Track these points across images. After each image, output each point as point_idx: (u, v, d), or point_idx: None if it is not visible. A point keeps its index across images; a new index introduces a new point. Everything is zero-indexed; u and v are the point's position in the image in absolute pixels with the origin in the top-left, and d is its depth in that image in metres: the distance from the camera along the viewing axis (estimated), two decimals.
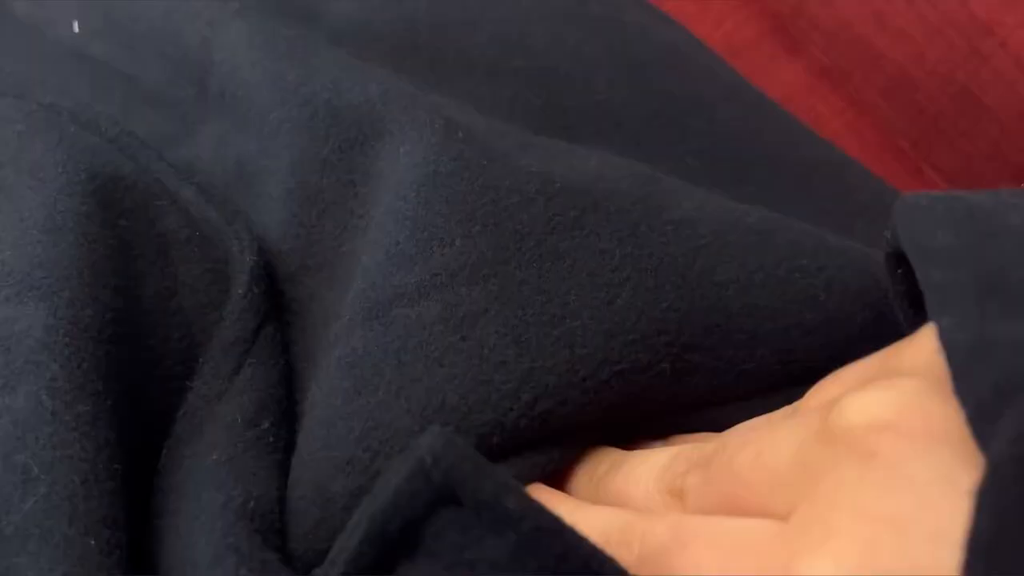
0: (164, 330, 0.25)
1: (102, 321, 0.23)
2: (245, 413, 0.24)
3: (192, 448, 0.24)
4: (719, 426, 0.24)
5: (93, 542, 0.20)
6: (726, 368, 0.25)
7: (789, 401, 0.22)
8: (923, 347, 0.18)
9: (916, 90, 0.44)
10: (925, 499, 0.16)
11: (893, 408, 0.17)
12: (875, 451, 0.17)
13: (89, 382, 0.22)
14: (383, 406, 0.23)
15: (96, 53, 0.34)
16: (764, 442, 0.19)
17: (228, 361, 0.25)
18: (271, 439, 0.24)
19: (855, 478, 0.17)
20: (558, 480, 0.25)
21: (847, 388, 0.19)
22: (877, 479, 0.16)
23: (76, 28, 0.35)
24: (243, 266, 0.26)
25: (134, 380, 0.24)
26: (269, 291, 0.26)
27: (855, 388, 0.18)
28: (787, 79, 0.46)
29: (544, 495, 0.24)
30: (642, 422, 0.26)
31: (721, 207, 0.27)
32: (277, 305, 0.27)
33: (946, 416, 0.16)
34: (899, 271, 0.22)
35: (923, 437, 0.16)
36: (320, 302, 0.27)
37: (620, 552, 0.20)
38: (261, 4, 0.33)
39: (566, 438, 0.25)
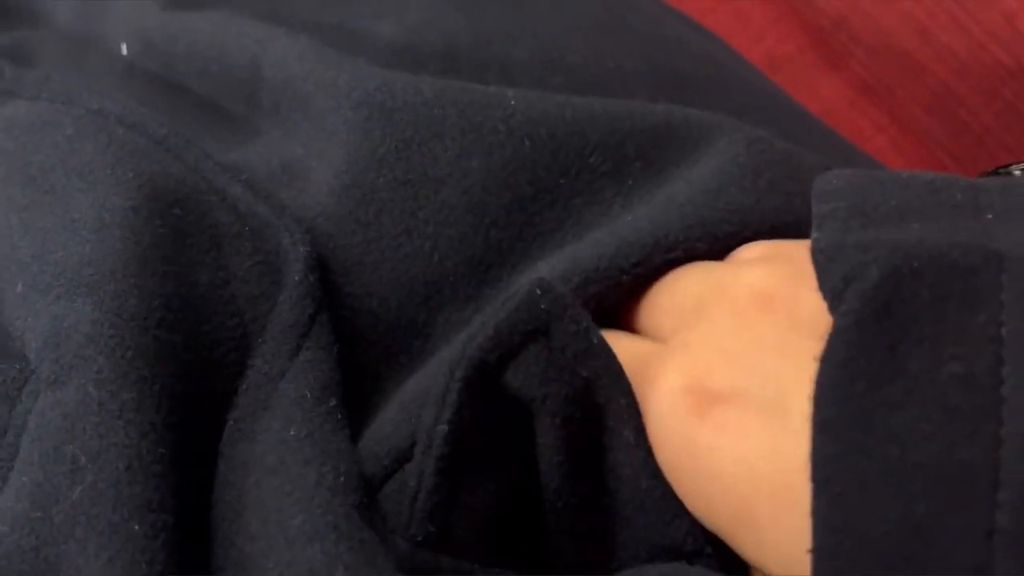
0: (219, 317, 0.25)
1: (149, 308, 0.24)
2: (312, 391, 0.24)
3: (263, 424, 0.24)
4: None
5: (137, 527, 0.20)
6: None
7: None
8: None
9: (960, 106, 0.44)
10: (760, 347, 0.21)
11: (772, 286, 0.22)
12: (746, 311, 0.22)
13: (134, 369, 0.22)
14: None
15: (139, 68, 0.34)
16: (680, 283, 0.24)
17: (287, 342, 0.25)
18: (339, 417, 0.24)
19: (723, 324, 0.22)
20: None
21: (755, 257, 0.24)
22: (737, 329, 0.22)
23: (124, 50, 0.35)
24: (297, 255, 0.26)
25: (188, 364, 0.24)
26: (322, 281, 0.26)
27: (755, 261, 0.23)
28: (828, 94, 0.46)
29: None
30: None
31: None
32: (331, 297, 0.27)
33: (808, 302, 0.21)
34: None
35: (783, 313, 0.21)
36: (382, 301, 0.27)
37: None
38: (305, 27, 0.33)
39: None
